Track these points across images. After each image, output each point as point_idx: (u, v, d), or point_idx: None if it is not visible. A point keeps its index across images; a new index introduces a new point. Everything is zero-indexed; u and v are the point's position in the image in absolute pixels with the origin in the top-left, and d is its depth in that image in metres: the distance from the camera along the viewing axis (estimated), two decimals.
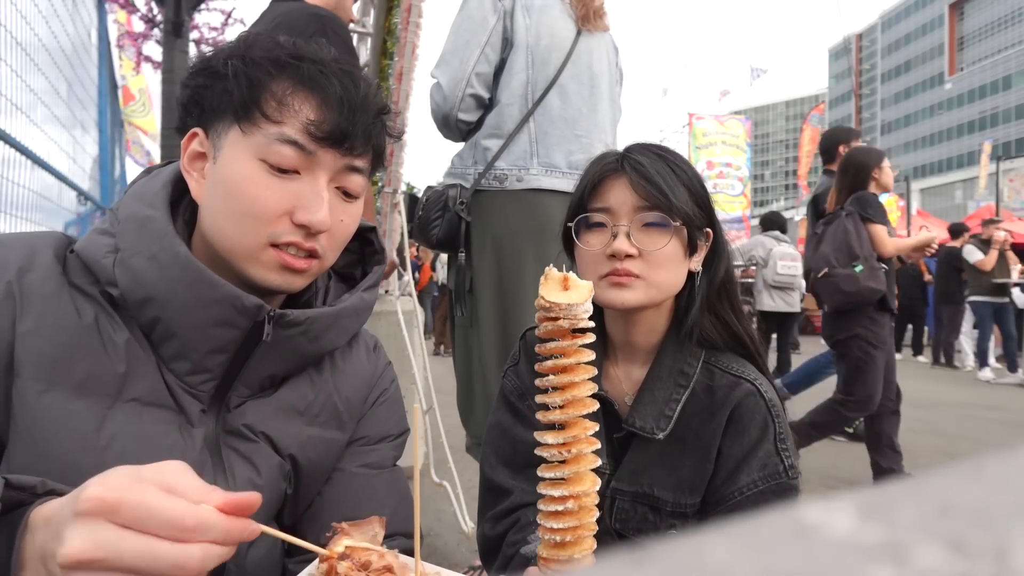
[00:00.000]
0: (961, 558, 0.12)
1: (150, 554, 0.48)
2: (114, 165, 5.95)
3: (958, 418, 5.40)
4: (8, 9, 2.56)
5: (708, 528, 0.14)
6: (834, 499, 0.14)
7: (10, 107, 2.54)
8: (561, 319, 0.73)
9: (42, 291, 0.73)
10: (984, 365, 7.87)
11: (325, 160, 0.78)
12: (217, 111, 0.78)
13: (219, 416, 0.81)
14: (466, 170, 2.05)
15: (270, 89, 0.76)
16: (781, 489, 1.00)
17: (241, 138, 0.76)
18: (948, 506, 0.13)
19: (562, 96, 2.02)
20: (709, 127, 21.29)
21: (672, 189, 0.99)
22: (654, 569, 0.12)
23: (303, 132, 0.76)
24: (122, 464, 0.54)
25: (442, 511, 2.79)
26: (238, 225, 0.77)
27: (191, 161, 0.80)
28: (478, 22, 2.00)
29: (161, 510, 0.48)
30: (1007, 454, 0.15)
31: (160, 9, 4.75)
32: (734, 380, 1.04)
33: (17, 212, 2.58)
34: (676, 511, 1.03)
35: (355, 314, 0.89)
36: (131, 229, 0.76)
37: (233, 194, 0.76)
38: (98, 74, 4.80)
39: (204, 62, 0.79)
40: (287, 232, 0.77)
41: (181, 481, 0.51)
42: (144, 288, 0.74)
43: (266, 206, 0.76)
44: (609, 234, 1.01)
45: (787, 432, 1.04)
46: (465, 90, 1.99)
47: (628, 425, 1.03)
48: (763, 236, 6.29)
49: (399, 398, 1.03)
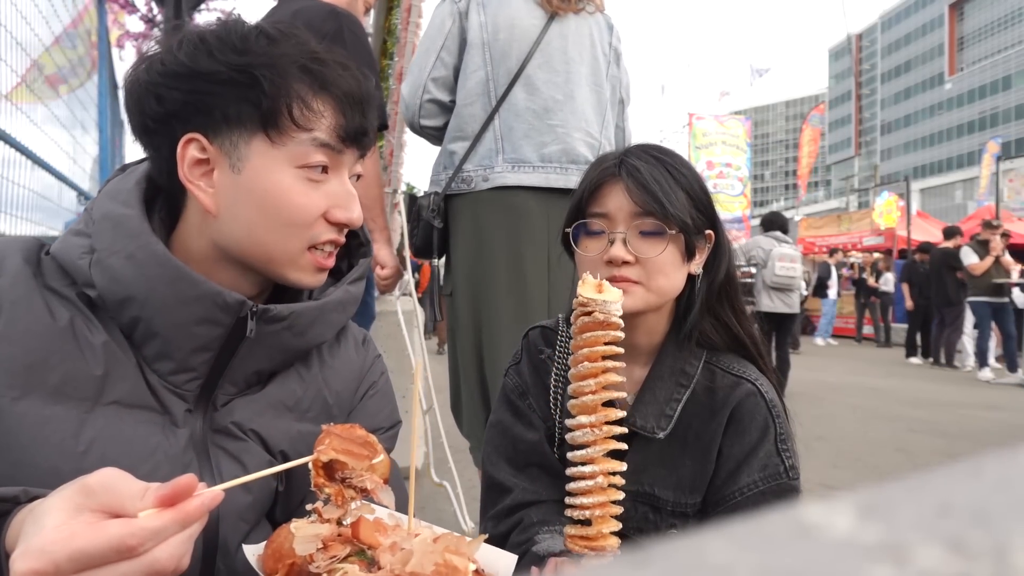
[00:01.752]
0: (961, 558, 0.12)
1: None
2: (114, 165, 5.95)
3: (958, 418, 5.40)
4: (8, 9, 2.56)
5: (708, 528, 0.14)
6: (834, 499, 0.14)
7: (10, 107, 2.54)
8: (596, 312, 0.82)
9: (11, 296, 0.72)
10: (984, 365, 7.87)
11: (347, 159, 0.82)
12: (232, 119, 0.75)
13: (206, 415, 0.80)
14: (439, 176, 2.06)
15: (297, 96, 0.76)
16: (781, 490, 1.00)
17: (270, 148, 0.76)
18: (948, 506, 0.13)
19: (528, 88, 1.96)
20: (709, 127, 21.28)
21: (668, 196, 0.98)
22: (654, 569, 0.12)
23: (333, 135, 0.78)
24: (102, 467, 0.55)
25: (442, 511, 2.79)
26: (279, 233, 0.78)
27: (192, 168, 0.77)
28: (436, 28, 2.00)
29: (99, 547, 0.49)
30: (1007, 454, 0.15)
31: (160, 9, 4.75)
32: (735, 380, 1.04)
33: (17, 212, 2.58)
34: (677, 510, 1.03)
35: (340, 307, 0.89)
36: (106, 228, 0.75)
37: (275, 205, 0.77)
38: (98, 74, 4.80)
39: (192, 66, 0.74)
40: (325, 232, 0.81)
41: (116, 494, 0.52)
42: (123, 288, 0.73)
43: (307, 212, 0.79)
44: (607, 240, 1.01)
45: (788, 432, 1.04)
46: (423, 97, 2.00)
47: (629, 424, 1.03)
48: (763, 237, 6.29)
49: (390, 391, 1.02)
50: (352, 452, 0.66)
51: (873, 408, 5.69)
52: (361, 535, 0.59)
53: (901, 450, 4.31)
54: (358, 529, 0.60)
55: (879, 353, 11.10)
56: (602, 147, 2.06)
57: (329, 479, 0.66)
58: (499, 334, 1.92)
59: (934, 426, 5.06)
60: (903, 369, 8.97)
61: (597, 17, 2.11)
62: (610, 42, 2.15)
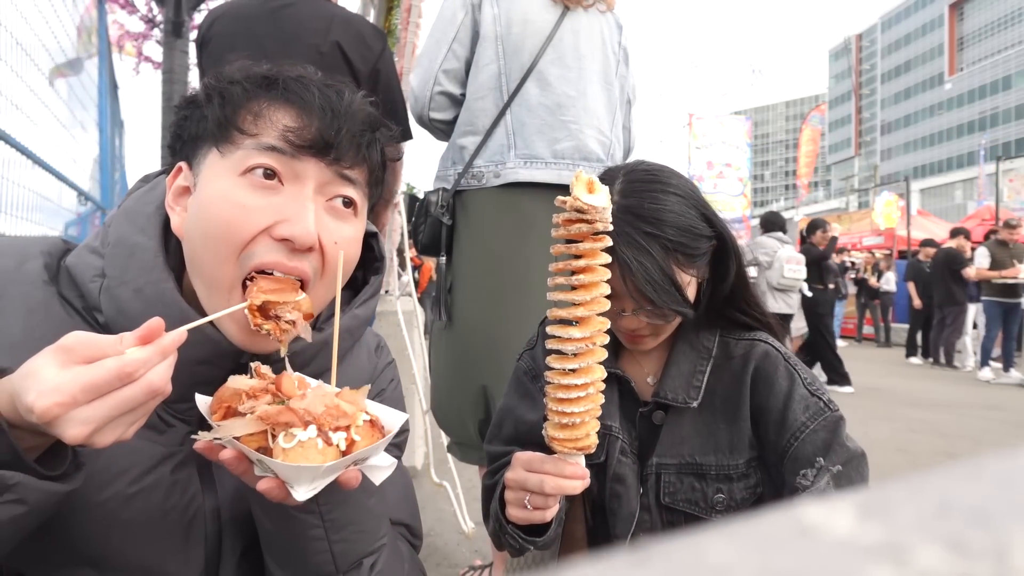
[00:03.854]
0: (961, 558, 0.12)
1: (121, 401, 0.57)
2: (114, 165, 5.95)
3: (958, 418, 5.40)
4: (8, 9, 2.56)
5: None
6: (834, 499, 0.14)
7: (10, 107, 2.54)
8: (596, 221, 0.81)
9: (30, 304, 0.72)
10: (985, 364, 7.87)
11: (309, 170, 0.73)
12: (197, 139, 0.75)
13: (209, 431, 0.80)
14: (447, 171, 2.03)
15: (246, 106, 0.73)
16: (830, 422, 1.04)
17: (219, 159, 0.73)
18: (948, 506, 0.13)
19: (541, 83, 1.93)
20: (709, 127, 21.28)
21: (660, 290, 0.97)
22: (654, 569, 0.12)
23: (281, 138, 0.72)
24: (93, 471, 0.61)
25: (442, 511, 2.79)
26: (212, 250, 0.71)
27: (176, 197, 0.77)
28: (447, 19, 1.97)
29: (105, 377, 0.56)
30: (1007, 454, 0.15)
31: (160, 9, 4.75)
32: (748, 343, 1.11)
33: (17, 212, 2.58)
34: (721, 474, 1.07)
35: (347, 335, 0.86)
36: (119, 255, 0.74)
37: (207, 215, 0.71)
38: (98, 74, 4.80)
39: (186, 97, 0.78)
40: (266, 251, 0.71)
41: (93, 345, 0.58)
42: (128, 321, 0.72)
43: (243, 222, 0.70)
44: (617, 311, 1.01)
45: (811, 375, 1.10)
46: (433, 88, 1.96)
47: (660, 398, 1.09)
48: (765, 237, 6.28)
49: (398, 398, 1.02)
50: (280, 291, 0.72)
51: (873, 408, 5.70)
52: (283, 386, 0.68)
53: (901, 450, 4.31)
54: (280, 381, 0.68)
55: (879, 353, 11.09)
56: (612, 145, 2.06)
57: (265, 318, 0.72)
58: (500, 335, 1.91)
59: (934, 426, 5.06)
60: (903, 369, 8.97)
61: (608, 15, 2.10)
62: (619, 41, 2.14)
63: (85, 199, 4.24)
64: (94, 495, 0.71)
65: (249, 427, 0.64)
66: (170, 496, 0.76)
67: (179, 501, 0.77)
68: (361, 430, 0.67)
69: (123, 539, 0.74)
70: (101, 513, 0.72)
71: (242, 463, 0.67)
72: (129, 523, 0.73)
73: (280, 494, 0.66)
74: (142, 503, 0.74)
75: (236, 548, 0.81)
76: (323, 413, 0.65)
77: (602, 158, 2.01)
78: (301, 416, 0.64)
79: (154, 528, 0.75)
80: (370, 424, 0.69)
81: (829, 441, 1.02)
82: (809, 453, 1.02)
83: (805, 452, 1.02)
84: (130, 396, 0.58)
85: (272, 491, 0.66)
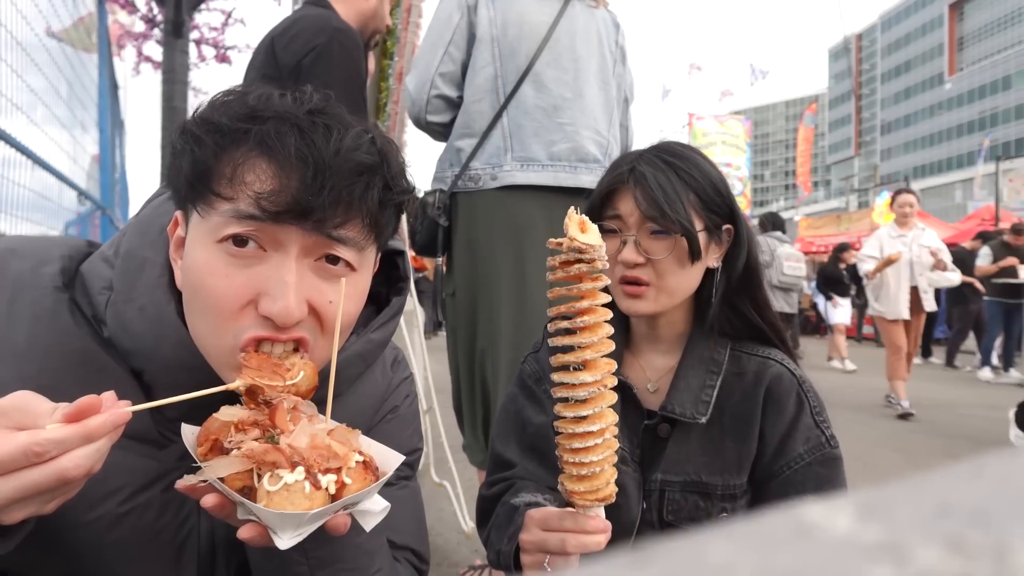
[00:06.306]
0: (961, 558, 0.12)
1: (25, 483, 0.54)
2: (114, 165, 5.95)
3: (958, 418, 5.40)
4: (8, 9, 2.56)
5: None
6: (834, 499, 0.14)
7: (10, 107, 2.54)
8: (595, 260, 0.80)
9: (38, 310, 0.71)
10: (986, 364, 7.86)
11: (291, 235, 0.67)
12: (181, 192, 0.70)
13: None
14: (444, 173, 2.03)
15: (218, 168, 0.66)
16: (826, 459, 1.04)
17: (200, 222, 0.68)
18: (948, 506, 0.13)
19: (537, 85, 1.93)
20: (709, 127, 21.29)
21: (672, 202, 1.00)
22: (654, 569, 0.12)
23: (255, 205, 0.65)
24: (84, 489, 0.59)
25: (442, 511, 2.79)
26: (205, 322, 0.69)
27: (176, 248, 0.74)
28: (443, 22, 1.97)
29: (9, 453, 0.53)
30: (1007, 454, 0.15)
31: (160, 9, 4.75)
32: (761, 361, 1.09)
33: (17, 212, 2.58)
34: (726, 494, 1.06)
35: (359, 360, 0.82)
36: (128, 269, 0.73)
37: (194, 286, 0.68)
38: (98, 74, 4.80)
39: (175, 136, 0.71)
40: (254, 326, 0.67)
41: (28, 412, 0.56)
42: (131, 339, 0.71)
43: (226, 297, 0.66)
44: (619, 240, 1.04)
45: (820, 404, 1.08)
46: (430, 92, 1.96)
47: (667, 412, 1.06)
48: (765, 237, 6.30)
49: (411, 415, 0.97)
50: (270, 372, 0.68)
51: (873, 408, 5.70)
52: (276, 419, 0.64)
53: (901, 450, 4.31)
54: (274, 413, 0.65)
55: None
56: (610, 145, 2.05)
57: (256, 404, 0.68)
58: (499, 336, 1.91)
59: (934, 426, 5.06)
60: None
61: (603, 13, 2.09)
62: (616, 40, 2.14)
63: (85, 198, 4.24)
64: (84, 514, 0.70)
65: (233, 466, 0.61)
66: (162, 516, 0.74)
67: (172, 520, 0.75)
68: (353, 472, 0.63)
69: (114, 558, 0.72)
70: (91, 532, 0.71)
71: (225, 507, 0.64)
72: (119, 542, 0.72)
73: (262, 541, 0.62)
74: (133, 522, 0.72)
75: (230, 569, 0.80)
76: (312, 453, 0.61)
77: (599, 159, 2.00)
78: (288, 456, 0.60)
79: (145, 548, 0.73)
80: (363, 466, 0.65)
81: (825, 478, 1.03)
82: (798, 483, 1.03)
83: (795, 481, 1.03)
84: (36, 480, 0.54)
85: (254, 539, 0.62)
